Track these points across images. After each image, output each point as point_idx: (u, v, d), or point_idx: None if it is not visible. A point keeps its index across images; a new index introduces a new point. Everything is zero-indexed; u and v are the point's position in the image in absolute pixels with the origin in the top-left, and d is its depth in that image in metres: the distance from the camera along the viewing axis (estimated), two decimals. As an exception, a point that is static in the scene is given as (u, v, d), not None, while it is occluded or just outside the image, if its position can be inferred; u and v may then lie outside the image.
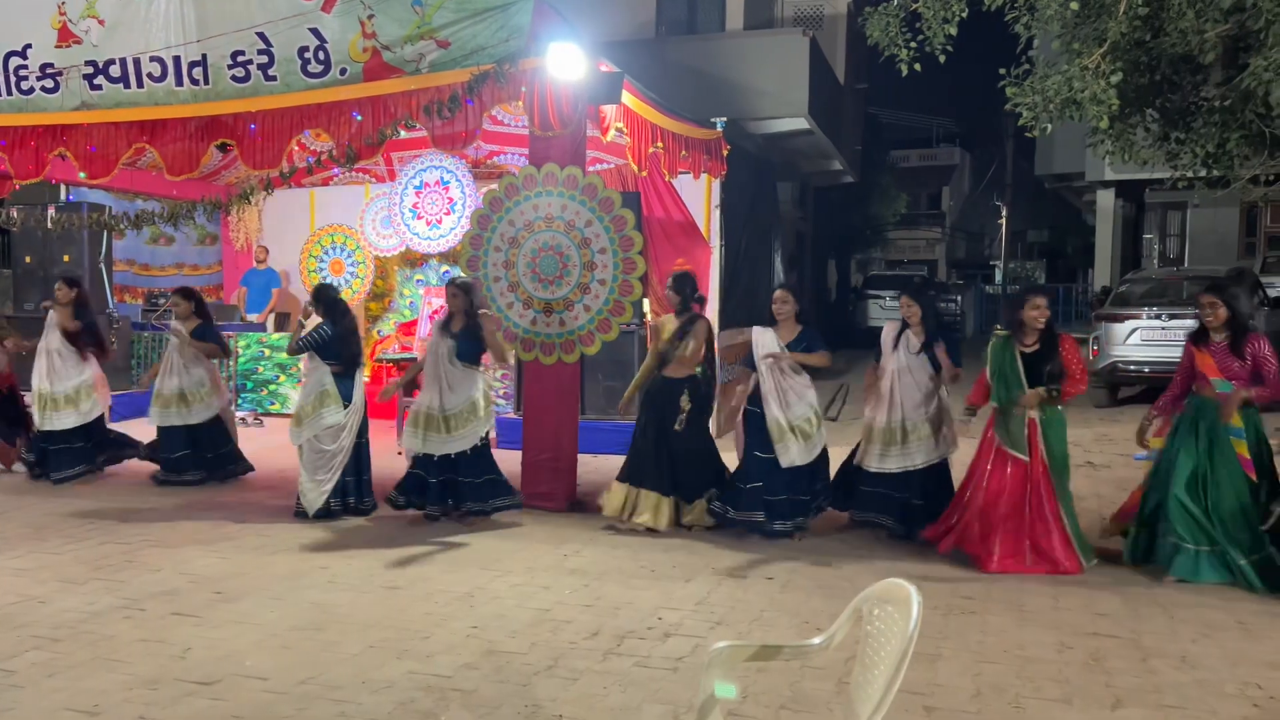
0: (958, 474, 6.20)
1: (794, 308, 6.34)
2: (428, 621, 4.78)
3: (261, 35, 7.31)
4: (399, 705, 3.83)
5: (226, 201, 8.50)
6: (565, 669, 4.20)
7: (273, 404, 11.22)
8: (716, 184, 10.21)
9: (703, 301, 6.79)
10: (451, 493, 6.69)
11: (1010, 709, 3.85)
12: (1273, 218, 20.03)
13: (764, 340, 6.29)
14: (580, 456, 7.43)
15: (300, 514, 6.77)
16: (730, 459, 6.61)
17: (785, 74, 14.25)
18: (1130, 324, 11.78)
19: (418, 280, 12.12)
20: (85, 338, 7.99)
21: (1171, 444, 5.60)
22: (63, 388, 7.85)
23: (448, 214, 10.41)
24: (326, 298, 7.03)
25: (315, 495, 6.71)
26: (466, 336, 6.71)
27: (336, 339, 6.84)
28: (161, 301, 12.33)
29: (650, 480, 6.47)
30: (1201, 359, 5.51)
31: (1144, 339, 11.70)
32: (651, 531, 6.39)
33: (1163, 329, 11.51)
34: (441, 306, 11.21)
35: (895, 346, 6.30)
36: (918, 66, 8.27)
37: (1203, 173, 9.64)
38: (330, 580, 5.45)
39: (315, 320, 6.99)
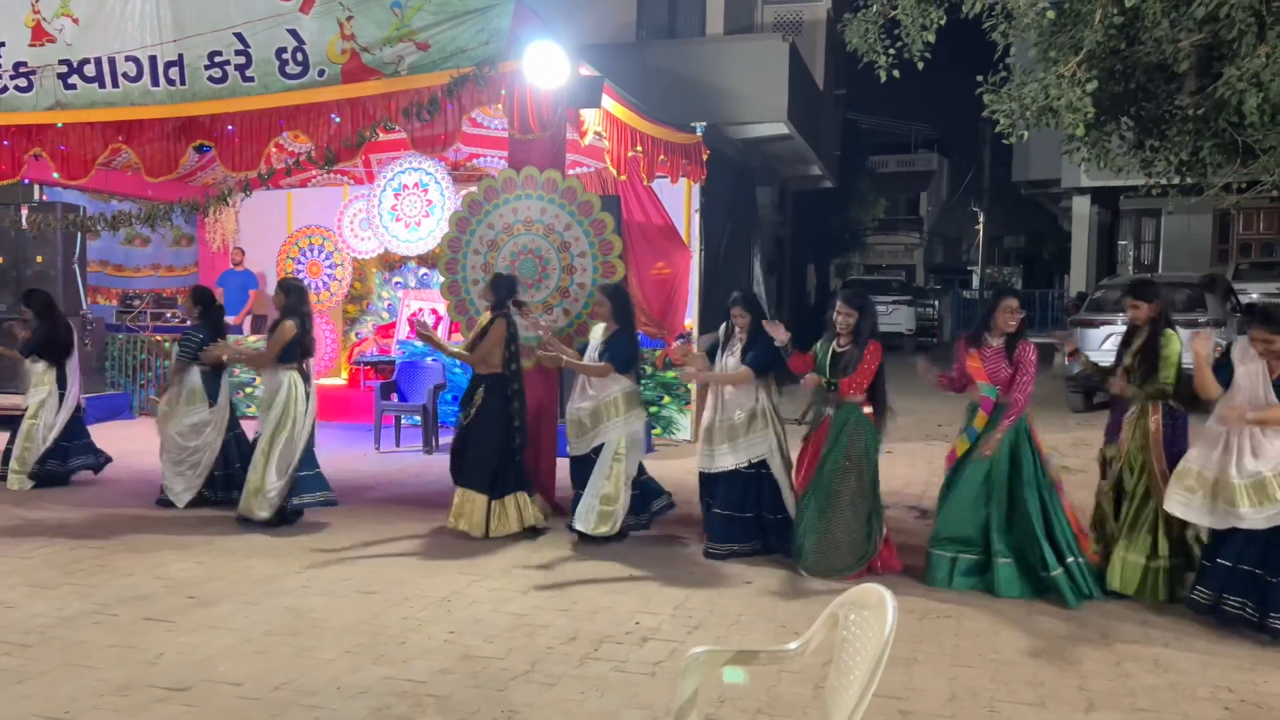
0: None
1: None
2: (404, 626, 4.75)
3: (239, 36, 7.26)
4: (374, 711, 3.80)
5: (204, 203, 8.43)
6: (542, 674, 4.19)
7: (249, 407, 11.14)
8: (696, 188, 10.24)
9: (522, 305, 6.79)
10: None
11: (985, 712, 3.87)
12: (1245, 225, 20.29)
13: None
14: (560, 461, 7.42)
15: (164, 503, 7.16)
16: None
17: (765, 79, 14.30)
18: (1105, 329, 11.88)
19: (396, 283, 12.08)
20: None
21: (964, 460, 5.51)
22: None
23: (426, 216, 10.37)
24: (203, 299, 7.49)
25: (183, 488, 7.14)
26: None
27: (201, 340, 7.21)
28: (136, 303, 12.24)
29: (461, 478, 6.52)
30: (971, 361, 5.51)
31: (1118, 344, 11.80)
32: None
33: (1137, 335, 11.60)
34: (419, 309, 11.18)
35: (723, 351, 6.21)
36: (896, 73, 8.32)
37: (1176, 180, 9.75)
38: (305, 585, 5.41)
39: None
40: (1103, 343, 11.88)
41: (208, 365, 7.20)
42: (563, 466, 6.81)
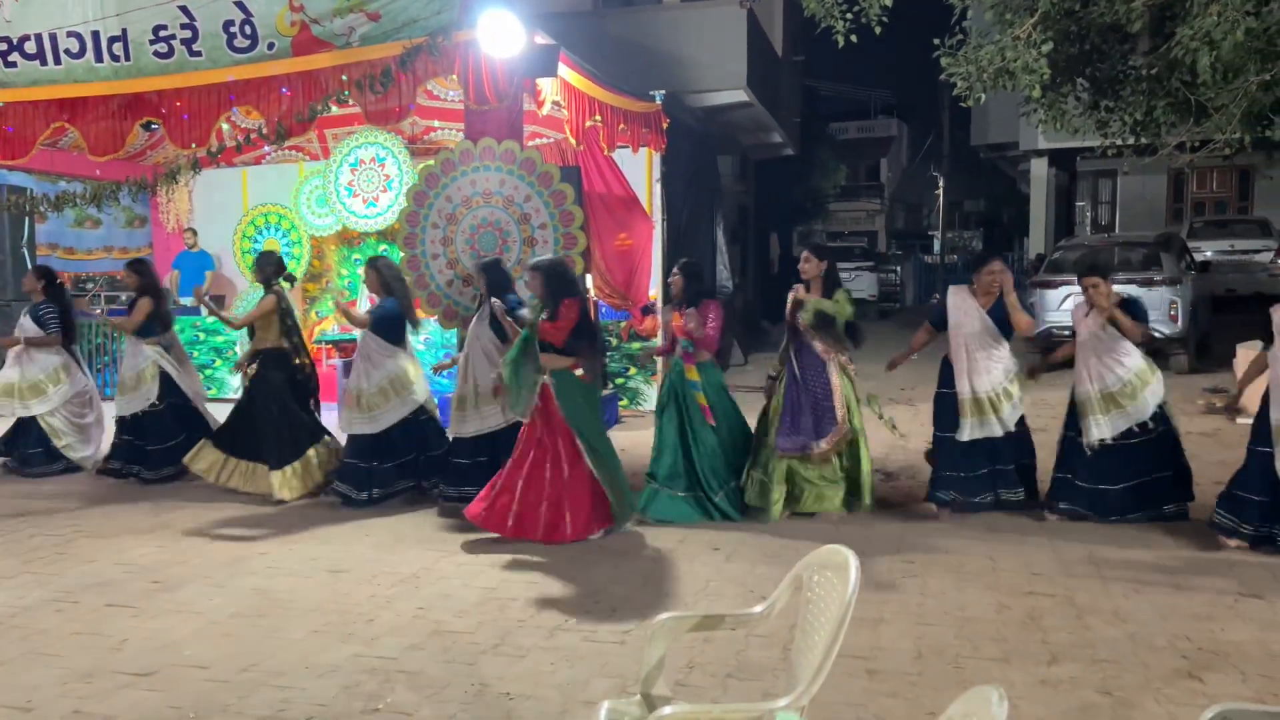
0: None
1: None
2: (372, 604, 4.73)
3: (184, 9, 7.09)
4: (343, 689, 3.79)
5: (153, 182, 8.26)
6: (512, 646, 4.19)
7: (209, 388, 10.98)
8: (657, 158, 10.17)
9: (293, 280, 7.30)
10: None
11: (950, 669, 3.93)
12: (1199, 184, 20.57)
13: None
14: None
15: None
16: None
17: (723, 46, 14.21)
18: (1064, 290, 12.00)
19: (355, 259, 11.91)
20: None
21: (664, 404, 6.32)
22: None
23: (385, 191, 10.23)
24: (45, 275, 7.91)
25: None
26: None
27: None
28: (90, 286, 11.99)
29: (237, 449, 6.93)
30: (674, 319, 6.25)
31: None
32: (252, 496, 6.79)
33: (1095, 295, 11.73)
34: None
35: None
36: (854, 38, 8.30)
37: (1131, 140, 9.85)
38: (271, 565, 5.36)
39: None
40: (1061, 303, 12.02)
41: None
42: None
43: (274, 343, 6.88)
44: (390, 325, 6.65)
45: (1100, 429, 5.86)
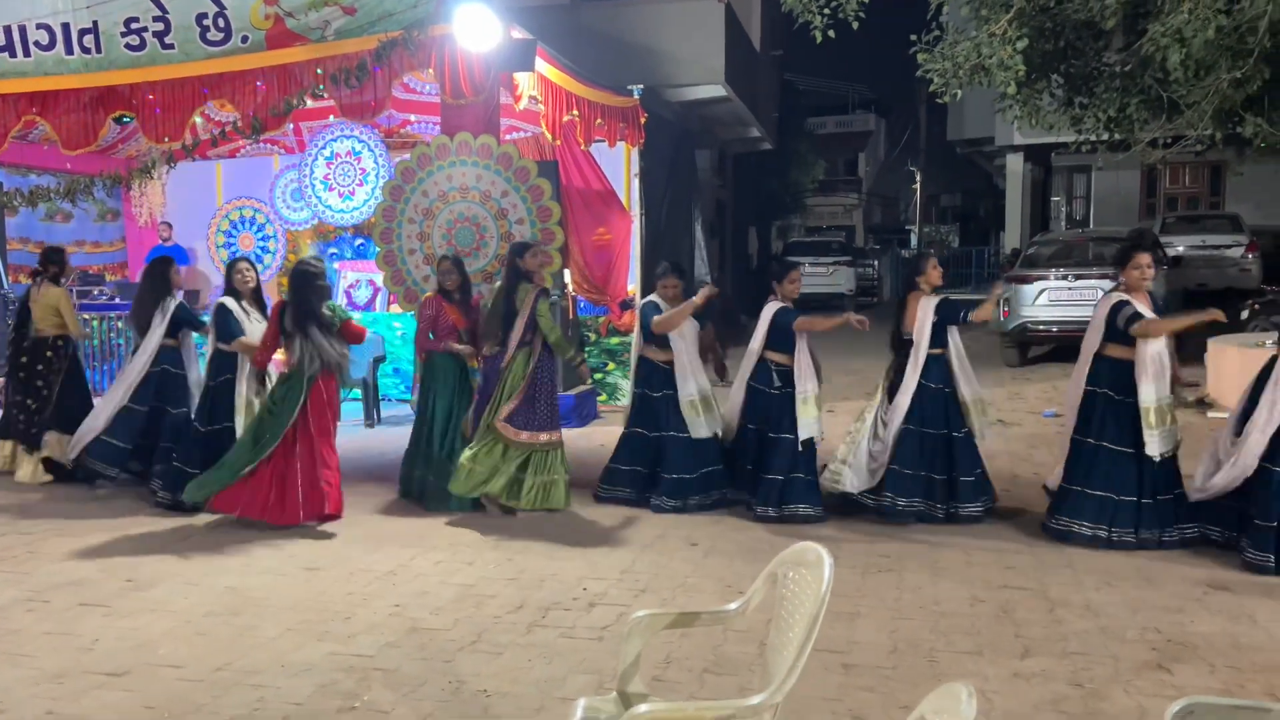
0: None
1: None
2: (349, 602, 4.71)
3: (156, 2, 7.02)
4: (319, 688, 3.77)
5: (126, 176, 8.18)
6: (489, 644, 4.19)
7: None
8: (635, 153, 10.16)
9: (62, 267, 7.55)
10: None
11: (925, 662, 3.96)
12: (1171, 180, 20.76)
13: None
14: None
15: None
16: None
17: (701, 41, 14.22)
18: (1039, 285, 12.11)
19: (331, 254, 11.84)
20: None
21: (428, 394, 6.52)
22: None
23: (360, 185, 10.18)
24: None
25: None
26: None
27: None
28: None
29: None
30: (449, 312, 6.44)
31: (1052, 299, 12.05)
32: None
33: (1069, 289, 11.86)
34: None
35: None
36: (831, 33, 8.32)
37: (1105, 136, 9.93)
38: (246, 564, 5.33)
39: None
40: (1036, 298, 12.13)
41: None
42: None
43: (54, 332, 7.33)
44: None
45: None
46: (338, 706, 3.61)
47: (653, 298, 6.49)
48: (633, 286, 10.25)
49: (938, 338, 5.99)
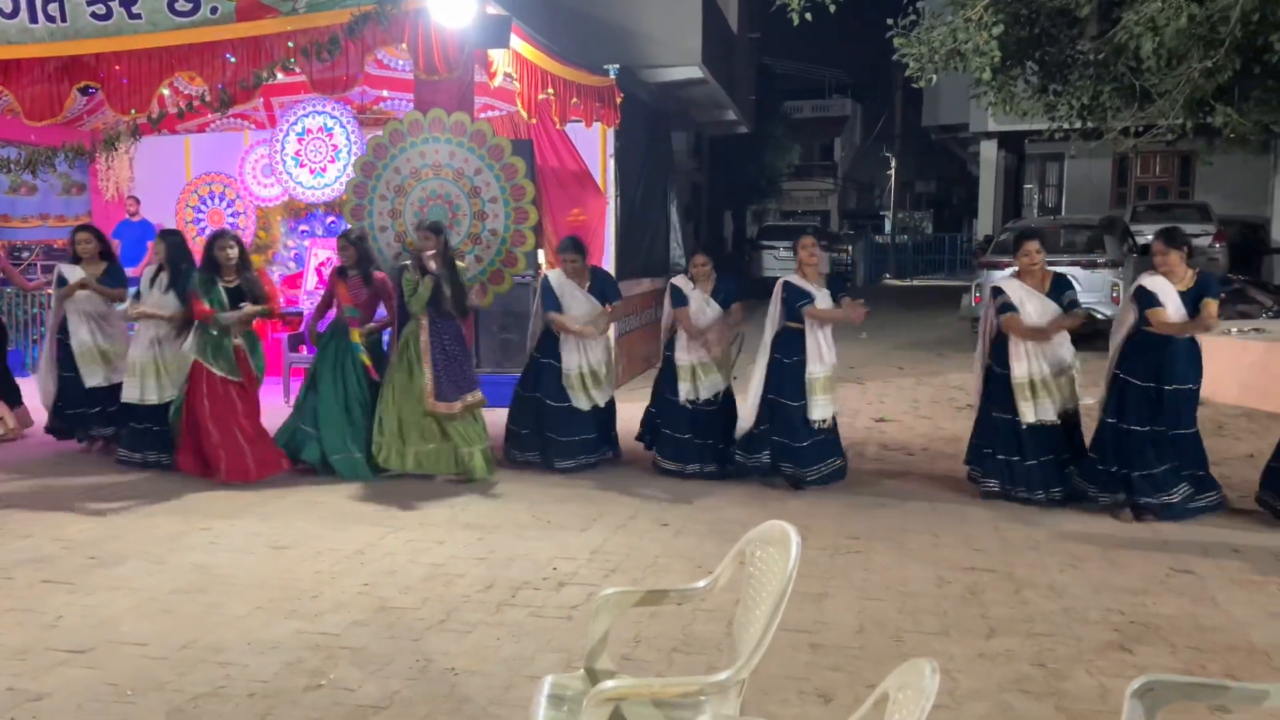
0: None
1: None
2: (317, 580, 4.68)
3: (123, -30, 6.87)
4: (285, 665, 3.75)
5: (91, 148, 8.03)
6: (458, 622, 4.18)
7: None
8: (610, 133, 10.10)
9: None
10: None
11: (891, 642, 3.99)
12: (1143, 168, 20.97)
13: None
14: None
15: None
16: None
17: (678, 21, 14.15)
18: (1010, 271, 12.16)
19: (302, 231, 11.70)
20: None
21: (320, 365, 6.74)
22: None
23: (332, 162, 10.05)
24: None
25: None
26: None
27: None
28: (25, 255, 11.65)
29: None
30: (340, 288, 6.68)
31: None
32: None
33: (1040, 276, 11.91)
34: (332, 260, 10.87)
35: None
36: (809, 16, 8.31)
37: (1078, 124, 10.01)
38: (213, 541, 5.28)
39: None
40: (1008, 284, 12.19)
41: None
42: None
43: None
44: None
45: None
46: (304, 684, 3.59)
47: (551, 271, 6.94)
48: (607, 267, 10.21)
49: (791, 314, 6.30)
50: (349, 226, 6.97)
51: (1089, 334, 6.32)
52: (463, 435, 6.46)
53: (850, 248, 28.21)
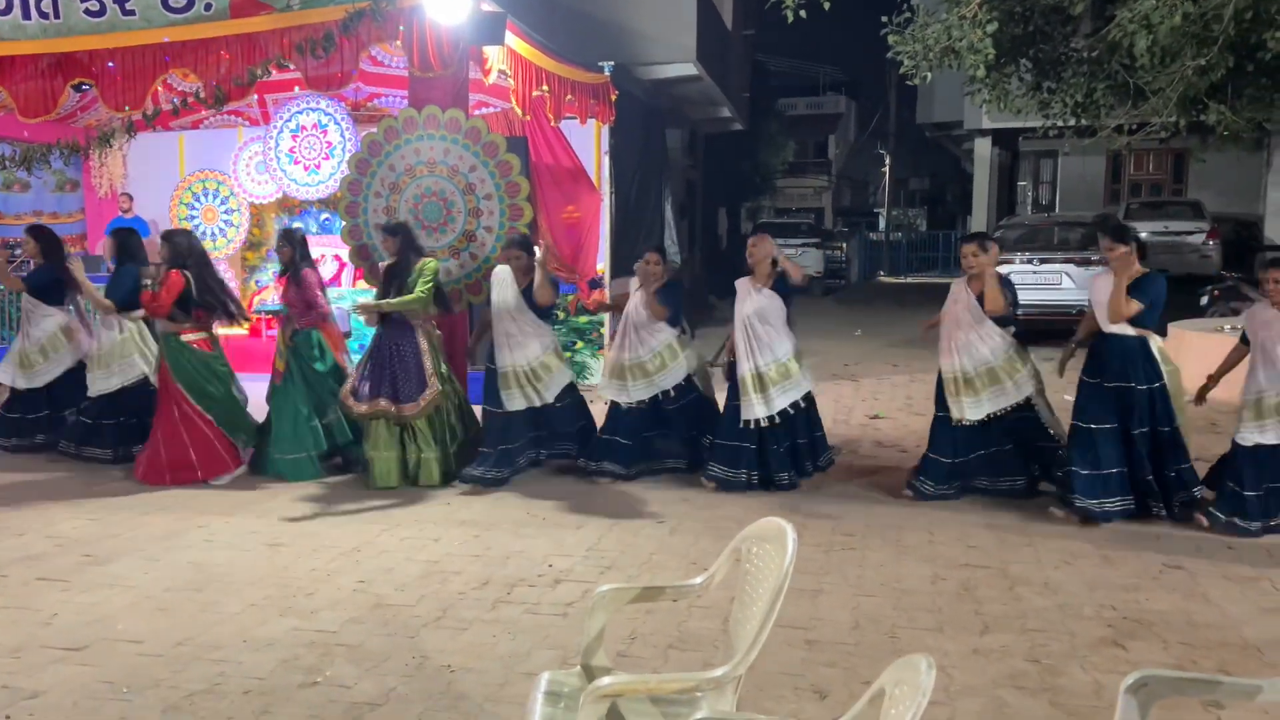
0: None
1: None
2: (312, 578, 4.68)
3: (116, -34, 6.84)
4: (281, 663, 3.75)
5: (85, 145, 8.01)
6: (454, 619, 4.18)
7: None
8: (605, 130, 10.09)
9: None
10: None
11: (886, 639, 4.01)
12: (1136, 166, 21.01)
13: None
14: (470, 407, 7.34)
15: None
16: None
17: (673, 18, 14.14)
18: (1004, 269, 12.18)
19: (296, 228, 11.68)
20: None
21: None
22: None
23: (326, 159, 10.03)
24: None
25: None
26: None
27: None
28: (18, 252, 11.60)
29: None
30: (279, 284, 6.82)
31: (1018, 283, 12.14)
32: None
33: (1035, 273, 11.97)
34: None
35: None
36: (803, 13, 8.32)
37: (1072, 122, 10.03)
38: (208, 539, 5.28)
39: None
40: (1001, 282, 12.23)
41: None
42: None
43: None
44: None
45: None
46: (299, 682, 3.60)
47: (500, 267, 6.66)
48: (601, 265, 10.21)
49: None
50: (345, 224, 6.93)
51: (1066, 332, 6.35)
52: (419, 439, 6.34)
53: (844, 245, 28.21)
